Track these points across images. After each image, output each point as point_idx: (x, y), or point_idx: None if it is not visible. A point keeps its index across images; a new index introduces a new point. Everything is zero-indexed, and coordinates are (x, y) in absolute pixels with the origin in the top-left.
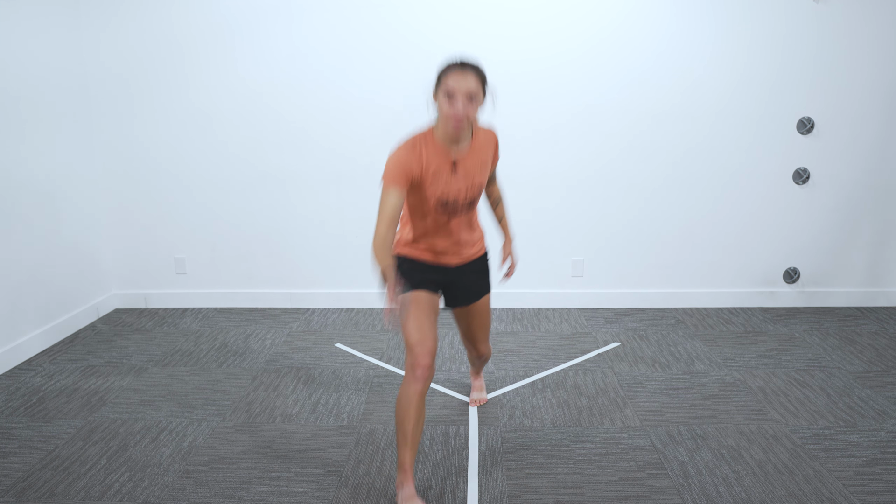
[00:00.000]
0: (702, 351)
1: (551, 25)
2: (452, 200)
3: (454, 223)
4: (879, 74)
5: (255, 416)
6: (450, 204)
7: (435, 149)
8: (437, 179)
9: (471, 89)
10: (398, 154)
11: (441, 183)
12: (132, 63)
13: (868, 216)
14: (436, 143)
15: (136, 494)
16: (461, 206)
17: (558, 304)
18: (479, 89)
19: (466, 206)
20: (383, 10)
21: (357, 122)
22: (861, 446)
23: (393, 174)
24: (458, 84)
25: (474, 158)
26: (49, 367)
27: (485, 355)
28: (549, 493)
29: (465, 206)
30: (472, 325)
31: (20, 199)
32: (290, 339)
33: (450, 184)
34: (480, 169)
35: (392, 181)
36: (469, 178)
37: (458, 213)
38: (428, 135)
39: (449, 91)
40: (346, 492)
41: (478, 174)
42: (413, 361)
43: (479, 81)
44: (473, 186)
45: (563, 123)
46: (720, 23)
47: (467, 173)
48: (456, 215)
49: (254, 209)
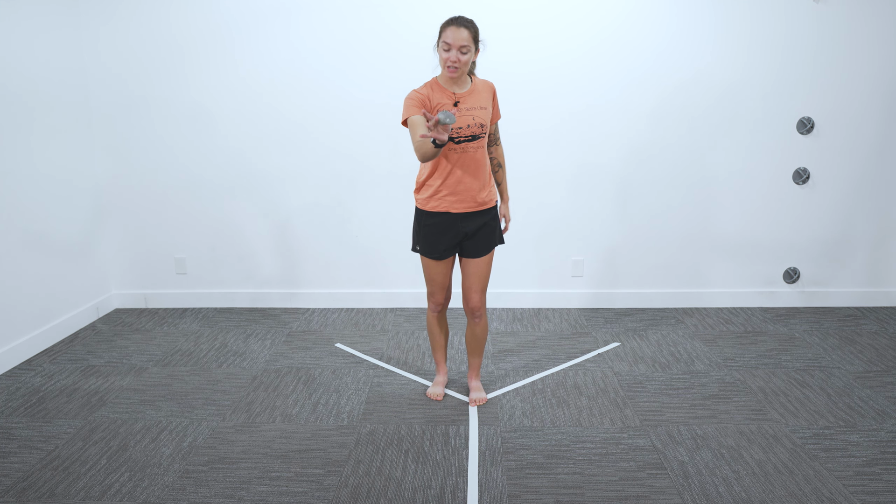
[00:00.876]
0: (702, 351)
1: (551, 26)
2: (455, 130)
3: (462, 164)
4: (879, 74)
5: (255, 416)
6: (455, 138)
7: (440, 90)
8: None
9: (464, 41)
10: (410, 95)
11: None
12: (132, 63)
13: (868, 216)
14: (440, 86)
15: (136, 494)
16: (464, 138)
17: (558, 304)
18: (470, 42)
19: (469, 138)
20: (382, 11)
21: (357, 122)
22: (861, 446)
23: (410, 107)
24: (454, 38)
25: (473, 99)
26: (49, 367)
27: (477, 309)
28: (549, 493)
29: (468, 139)
30: (473, 273)
31: (20, 198)
32: (290, 339)
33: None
34: (480, 109)
35: (412, 111)
36: (470, 114)
37: (464, 151)
38: (433, 81)
39: (446, 42)
40: (346, 492)
41: (477, 112)
42: (430, 298)
43: (471, 36)
44: (475, 123)
45: (563, 123)
46: (720, 23)
47: (468, 109)
48: (460, 154)
49: (254, 209)
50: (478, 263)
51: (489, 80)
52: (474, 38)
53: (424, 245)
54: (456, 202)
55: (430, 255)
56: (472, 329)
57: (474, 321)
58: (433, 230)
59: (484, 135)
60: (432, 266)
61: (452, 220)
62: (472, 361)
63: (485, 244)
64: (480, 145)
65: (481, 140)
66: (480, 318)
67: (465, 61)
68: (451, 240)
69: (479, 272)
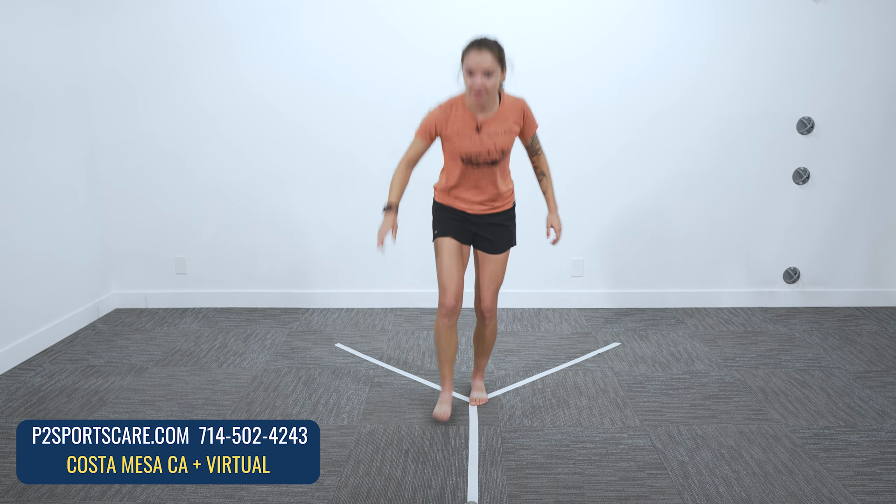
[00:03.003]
0: (702, 351)
1: (551, 26)
2: (475, 156)
3: (480, 177)
4: (879, 74)
5: (255, 416)
6: (473, 160)
7: (463, 113)
8: (462, 138)
9: (487, 66)
10: (431, 113)
11: (466, 141)
12: (132, 62)
13: (868, 216)
14: (464, 107)
15: (136, 494)
16: (483, 162)
17: (558, 304)
18: (495, 65)
19: (489, 163)
20: (382, 11)
21: (358, 122)
22: (861, 446)
23: (420, 128)
24: (476, 62)
25: (498, 124)
26: (49, 367)
27: (489, 310)
28: (549, 493)
29: (487, 164)
30: (487, 271)
31: (20, 198)
32: (290, 339)
33: (474, 143)
34: (504, 134)
35: (419, 133)
36: (491, 140)
37: (482, 168)
38: (459, 100)
39: (469, 68)
40: (346, 492)
41: (500, 138)
42: (442, 301)
43: (494, 58)
44: (496, 149)
45: (562, 123)
46: (720, 23)
47: (490, 136)
48: (479, 169)
49: (254, 209)
50: (493, 261)
51: (521, 98)
52: (499, 60)
53: (440, 226)
54: (469, 206)
55: (447, 233)
56: (482, 330)
57: (484, 322)
58: (449, 215)
59: (502, 157)
60: (446, 252)
61: (467, 215)
62: (477, 362)
63: (500, 242)
64: (498, 165)
65: (500, 161)
66: (491, 320)
67: (491, 86)
68: (464, 223)
69: (494, 271)
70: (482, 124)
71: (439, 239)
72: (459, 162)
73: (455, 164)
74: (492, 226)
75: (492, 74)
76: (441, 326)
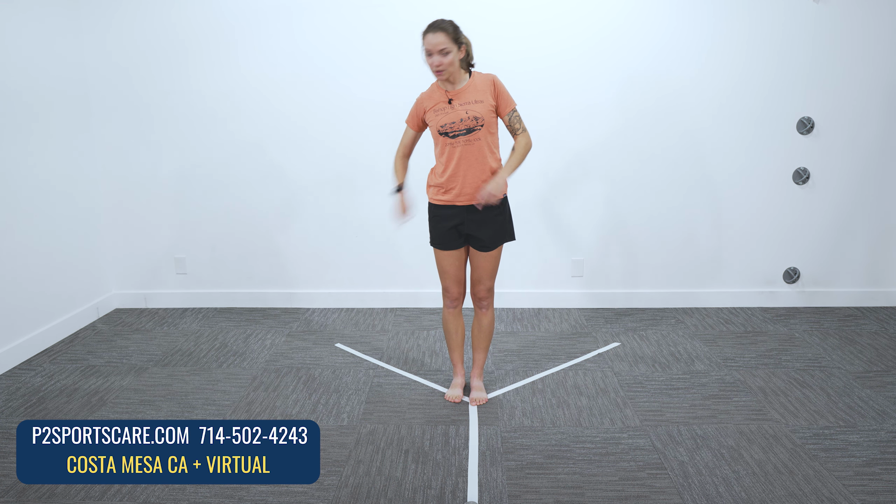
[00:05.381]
0: (702, 351)
1: (551, 26)
2: (450, 126)
3: (465, 154)
4: (879, 74)
5: (255, 416)
6: (449, 131)
7: (437, 91)
8: (438, 113)
9: (441, 45)
10: (416, 101)
11: (441, 115)
12: (132, 62)
13: (868, 216)
14: (438, 86)
15: (136, 494)
16: (459, 132)
17: (558, 304)
18: (449, 43)
19: (464, 132)
20: (383, 10)
21: (358, 122)
22: (861, 446)
23: (409, 116)
24: (432, 44)
25: (468, 94)
26: (49, 367)
27: (484, 298)
28: (549, 493)
29: (463, 133)
30: (479, 266)
31: (20, 198)
32: (290, 339)
33: (448, 115)
34: (474, 102)
35: (408, 121)
36: (463, 109)
37: (465, 146)
38: (435, 83)
39: (427, 50)
40: (345, 492)
41: (472, 106)
42: (445, 293)
43: (448, 37)
44: (468, 116)
45: (562, 123)
46: (720, 22)
47: (461, 105)
48: (464, 147)
49: (254, 209)
50: (485, 257)
51: (491, 73)
52: (453, 38)
53: (435, 235)
54: (459, 195)
55: (440, 246)
56: (479, 320)
57: (481, 311)
58: (441, 220)
59: (480, 127)
60: (444, 257)
61: (458, 212)
62: (476, 357)
63: (492, 238)
64: (478, 137)
65: (478, 132)
66: (487, 309)
67: (448, 63)
68: (458, 230)
69: (486, 265)
70: (453, 96)
71: (435, 248)
72: (440, 138)
73: (442, 147)
74: (483, 223)
75: (448, 53)
76: (447, 314)
